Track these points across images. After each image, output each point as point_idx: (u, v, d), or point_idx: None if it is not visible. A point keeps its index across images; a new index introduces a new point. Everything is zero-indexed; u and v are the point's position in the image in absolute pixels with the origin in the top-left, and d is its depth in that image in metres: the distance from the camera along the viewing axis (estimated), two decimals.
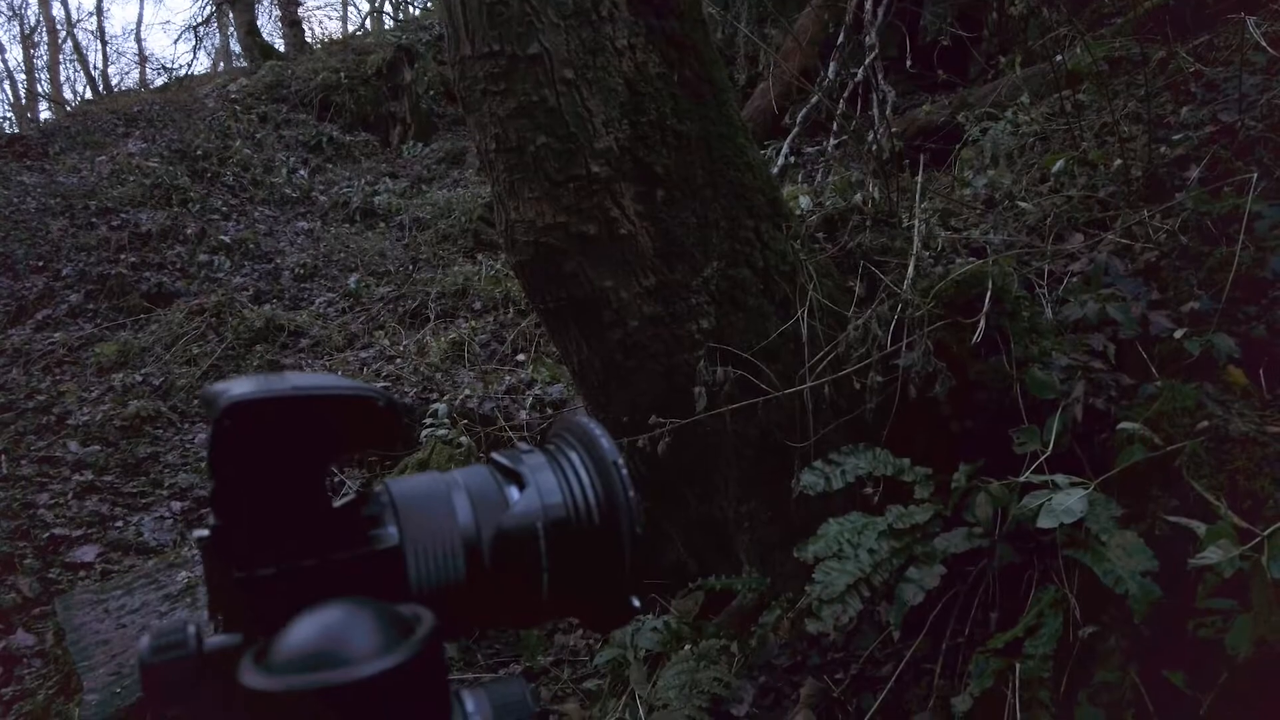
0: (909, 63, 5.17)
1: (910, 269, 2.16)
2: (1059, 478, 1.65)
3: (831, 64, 5.11)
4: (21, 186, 8.30)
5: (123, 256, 6.78)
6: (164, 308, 6.16)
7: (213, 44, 18.62)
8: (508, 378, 4.75)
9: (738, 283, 2.19)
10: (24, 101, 20.66)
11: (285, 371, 0.45)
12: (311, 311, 6.35)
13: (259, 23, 14.90)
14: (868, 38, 4.81)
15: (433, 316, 5.89)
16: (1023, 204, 2.82)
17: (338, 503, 0.43)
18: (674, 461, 2.36)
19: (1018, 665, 1.55)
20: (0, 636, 2.93)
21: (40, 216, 7.46)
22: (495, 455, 0.48)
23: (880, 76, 4.76)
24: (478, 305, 5.98)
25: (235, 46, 15.47)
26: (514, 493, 0.45)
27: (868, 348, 1.94)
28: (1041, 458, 1.75)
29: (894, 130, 4.25)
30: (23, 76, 21.33)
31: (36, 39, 20.98)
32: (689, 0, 2.09)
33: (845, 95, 4.82)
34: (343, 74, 10.31)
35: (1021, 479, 1.70)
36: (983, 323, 1.91)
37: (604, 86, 2.00)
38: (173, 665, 0.36)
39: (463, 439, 3.18)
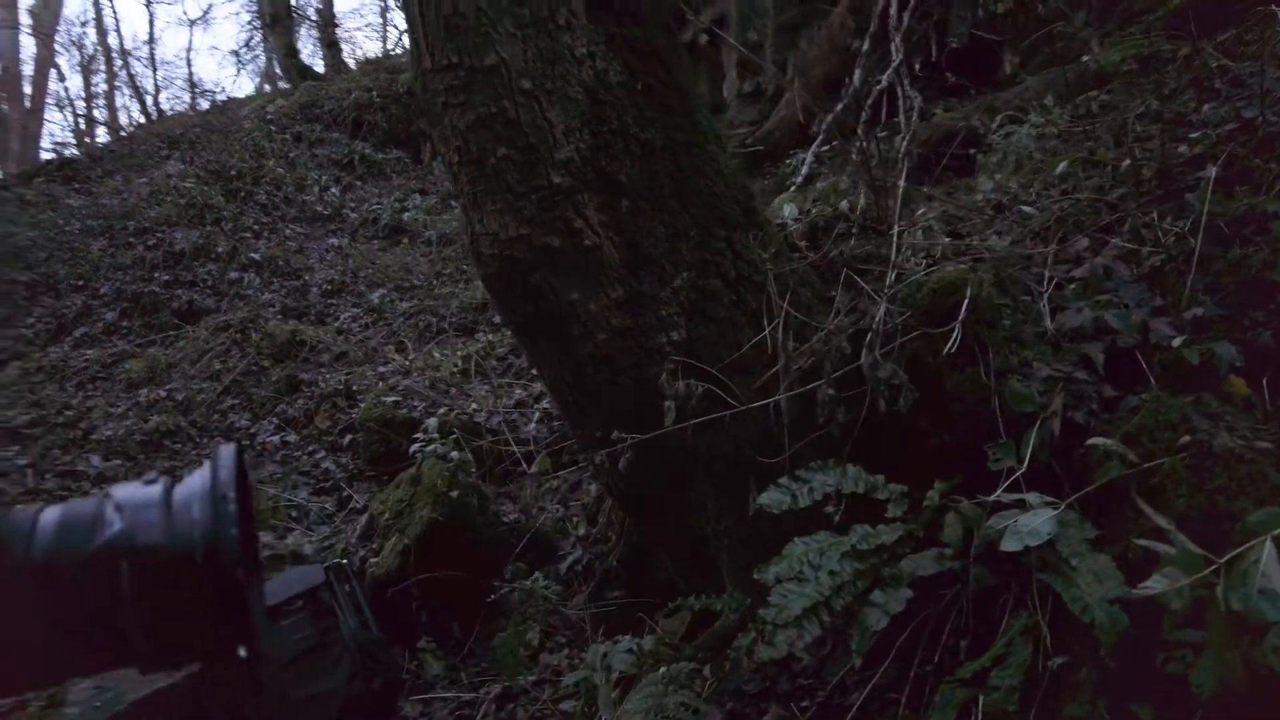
0: (936, 63, 5.06)
1: (890, 276, 2.08)
2: (1031, 496, 1.56)
3: (857, 71, 5.02)
4: (67, 209, 8.61)
5: (156, 275, 6.97)
6: (193, 324, 6.30)
7: (257, 67, 19.16)
8: (519, 391, 4.74)
9: (709, 294, 2.13)
10: (82, 127, 21.50)
11: None
12: (335, 326, 6.44)
13: (301, 45, 15.30)
14: (893, 43, 4.72)
15: (450, 330, 5.92)
16: (1025, 208, 2.71)
17: None
18: (650, 477, 2.30)
19: (981, 698, 1.45)
20: None
21: (82, 237, 7.71)
22: (114, 489, 0.43)
23: (906, 82, 4.66)
24: (497, 319, 5.99)
25: (278, 69, 15.87)
26: (112, 528, 0.40)
27: (830, 360, 1.86)
28: (1017, 474, 1.65)
29: (919, 136, 4.15)
30: (82, 103, 22.22)
31: (95, 67, 21.84)
32: (652, 6, 2.05)
33: (870, 102, 4.73)
34: (375, 93, 10.50)
35: (993, 497, 1.61)
36: (958, 332, 1.81)
37: (563, 96, 1.96)
38: None
39: (453, 453, 3.15)
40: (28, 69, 19.34)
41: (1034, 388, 1.74)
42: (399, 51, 16.13)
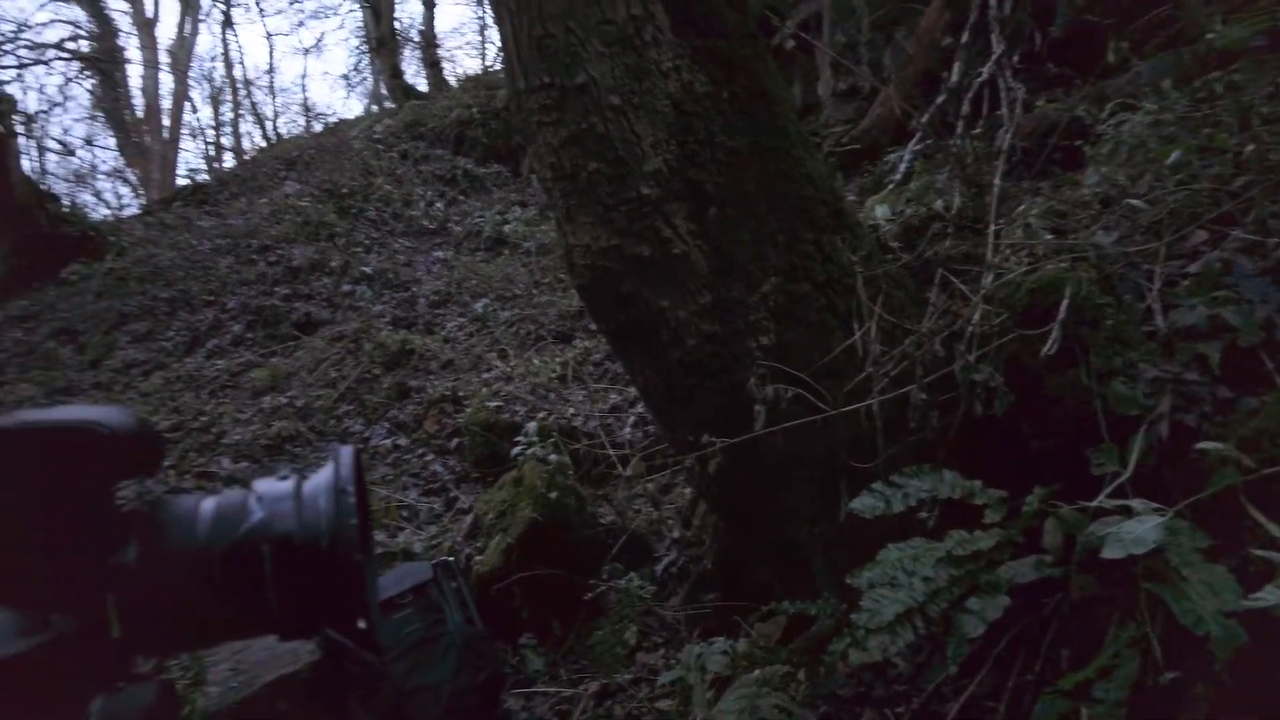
0: (1037, 53, 4.86)
1: (987, 277, 2.03)
2: (1136, 503, 1.50)
3: (955, 64, 4.89)
4: (199, 230, 9.31)
5: (277, 289, 7.44)
6: (311, 335, 6.70)
7: (365, 89, 20.16)
8: (614, 396, 4.83)
9: (798, 298, 2.13)
10: (212, 154, 23.15)
11: (53, 407, 0.49)
12: (442, 335, 6.72)
13: (405, 66, 16.01)
14: (993, 34, 4.57)
15: (549, 337, 6.08)
16: (1134, 201, 2.59)
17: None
18: (742, 482, 2.32)
19: (1085, 711, 1.41)
20: None
21: (212, 256, 8.32)
22: (255, 482, 0.50)
23: (1008, 74, 4.51)
24: (593, 326, 6.12)
25: (384, 90, 16.64)
26: (254, 516, 0.47)
27: (923, 363, 1.84)
28: (1121, 479, 1.60)
29: (1022, 129, 4.01)
30: (212, 132, 23.93)
31: (222, 98, 23.49)
32: (736, 17, 2.08)
33: (969, 96, 4.60)
34: (475, 109, 10.88)
35: (1095, 503, 1.56)
36: (1058, 333, 1.76)
37: (650, 110, 2.02)
38: None
39: (552, 456, 3.26)
40: (166, 103, 20.99)
41: (1139, 390, 1.67)
42: (497, 68, 16.65)
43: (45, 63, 14.70)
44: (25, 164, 9.97)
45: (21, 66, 13.62)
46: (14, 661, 0.38)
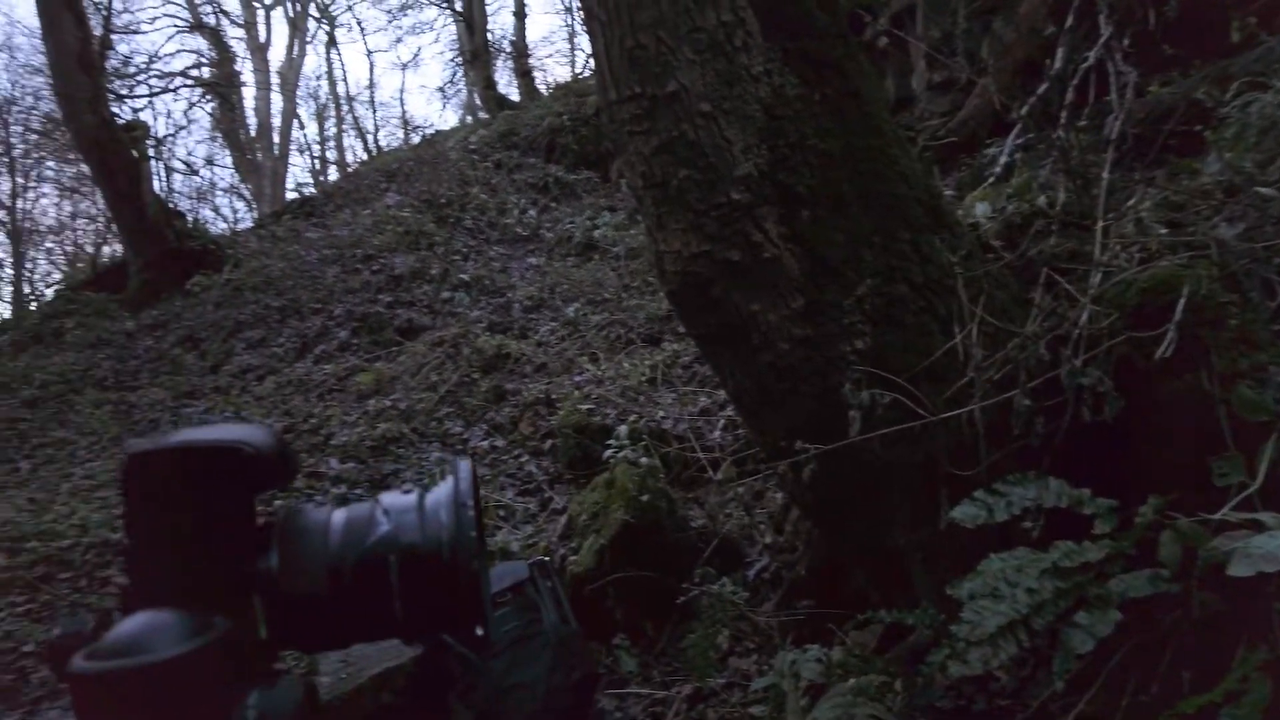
0: (1150, 34, 4.60)
1: (1095, 276, 1.94)
2: (1267, 516, 1.41)
3: (1059, 50, 4.69)
4: (307, 241, 9.81)
5: (380, 296, 7.77)
6: (412, 340, 6.97)
7: (459, 101, 20.81)
8: (703, 399, 4.83)
9: (895, 300, 2.09)
10: (317, 168, 24.35)
11: (208, 425, 0.54)
12: (535, 339, 6.87)
13: (498, 76, 16.45)
14: (1100, 15, 4.36)
15: (639, 340, 6.13)
16: (1263, 190, 2.42)
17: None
18: (837, 489, 2.29)
19: None
20: None
21: (320, 265, 8.75)
22: (381, 495, 0.54)
23: (1118, 57, 4.29)
24: (681, 328, 6.14)
25: (478, 101, 17.13)
26: (381, 528, 0.51)
27: (1027, 367, 1.77)
28: (1248, 490, 1.50)
29: (1133, 115, 3.81)
30: (317, 147, 25.18)
31: (327, 114, 24.69)
32: (826, 18, 2.06)
33: (1074, 83, 4.40)
34: (565, 117, 11.07)
35: (1219, 516, 1.47)
36: (1174, 334, 1.67)
37: (741, 114, 2.02)
38: (67, 645, 0.45)
39: (643, 459, 3.29)
40: (276, 122, 22.21)
41: (1269, 394, 1.57)
42: (586, 74, 16.92)
43: (173, 90, 15.80)
44: (155, 184, 10.74)
45: (153, 95, 14.68)
46: (188, 657, 0.42)
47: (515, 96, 15.04)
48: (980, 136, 5.84)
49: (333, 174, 22.26)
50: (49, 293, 15.74)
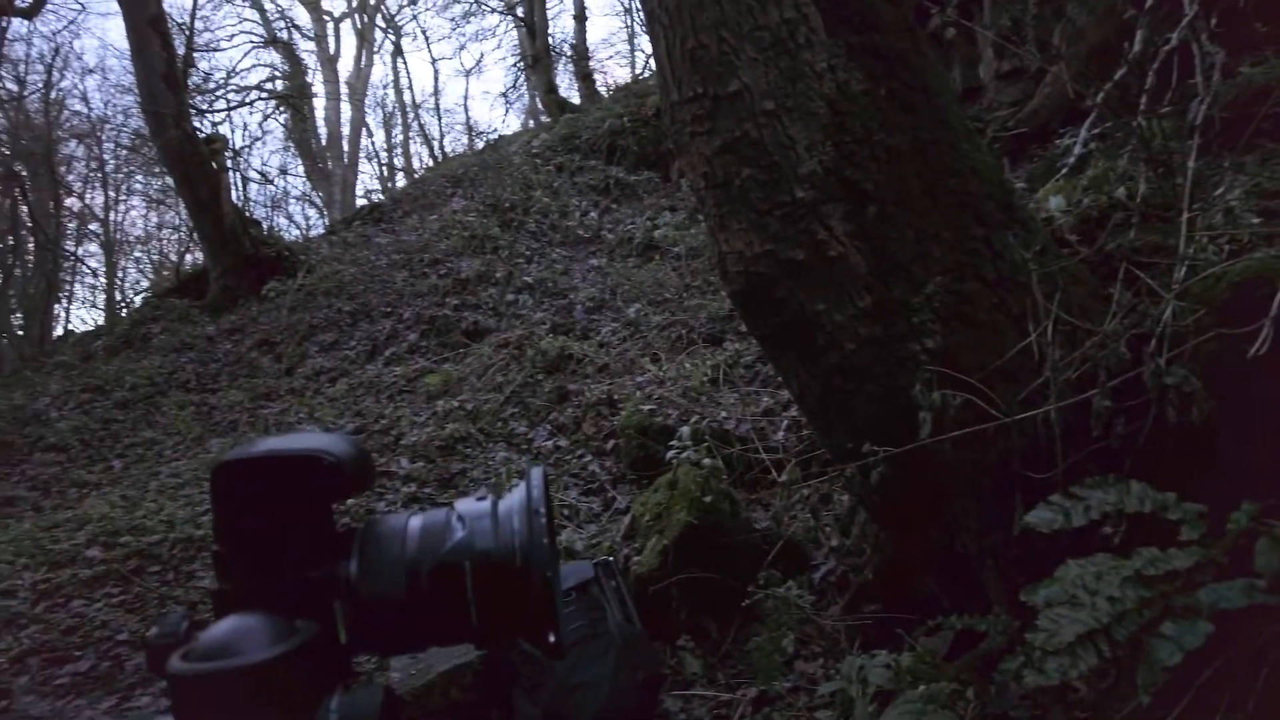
0: (1240, 11, 4.38)
1: (1179, 270, 1.86)
2: None
3: (1139, 32, 4.50)
4: (377, 246, 10.07)
5: (447, 299, 7.93)
6: (477, 342, 7.09)
7: (522, 106, 21.08)
8: (766, 399, 4.79)
9: (966, 298, 2.04)
10: (385, 175, 25.00)
11: (290, 433, 0.56)
12: (597, 340, 6.92)
13: (559, 80, 16.61)
14: None
15: (700, 340, 6.11)
16: None
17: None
18: (906, 492, 2.25)
19: None
20: None
21: (389, 270, 8.98)
22: (456, 502, 0.55)
23: (1204, 37, 4.10)
24: (744, 328, 6.09)
25: (540, 105, 17.33)
26: (456, 534, 0.52)
27: (1107, 366, 1.70)
28: None
29: (1221, 98, 3.63)
30: (385, 154, 25.84)
31: (394, 122, 25.33)
32: (891, 11, 2.01)
33: (1156, 66, 4.22)
34: (626, 118, 11.12)
35: None
36: (1268, 330, 1.58)
37: (805, 112, 2.00)
38: (163, 644, 0.48)
39: (705, 460, 3.28)
40: (345, 131, 22.89)
41: None
42: (646, 75, 16.96)
43: (249, 103, 16.44)
44: (232, 194, 11.18)
45: (230, 109, 15.30)
46: (276, 661, 0.44)
47: (576, 100, 15.17)
48: (1052, 127, 5.65)
49: (400, 181, 22.82)
50: (137, 300, 16.55)
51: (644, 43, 19.42)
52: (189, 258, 17.35)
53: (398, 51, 23.80)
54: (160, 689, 3.57)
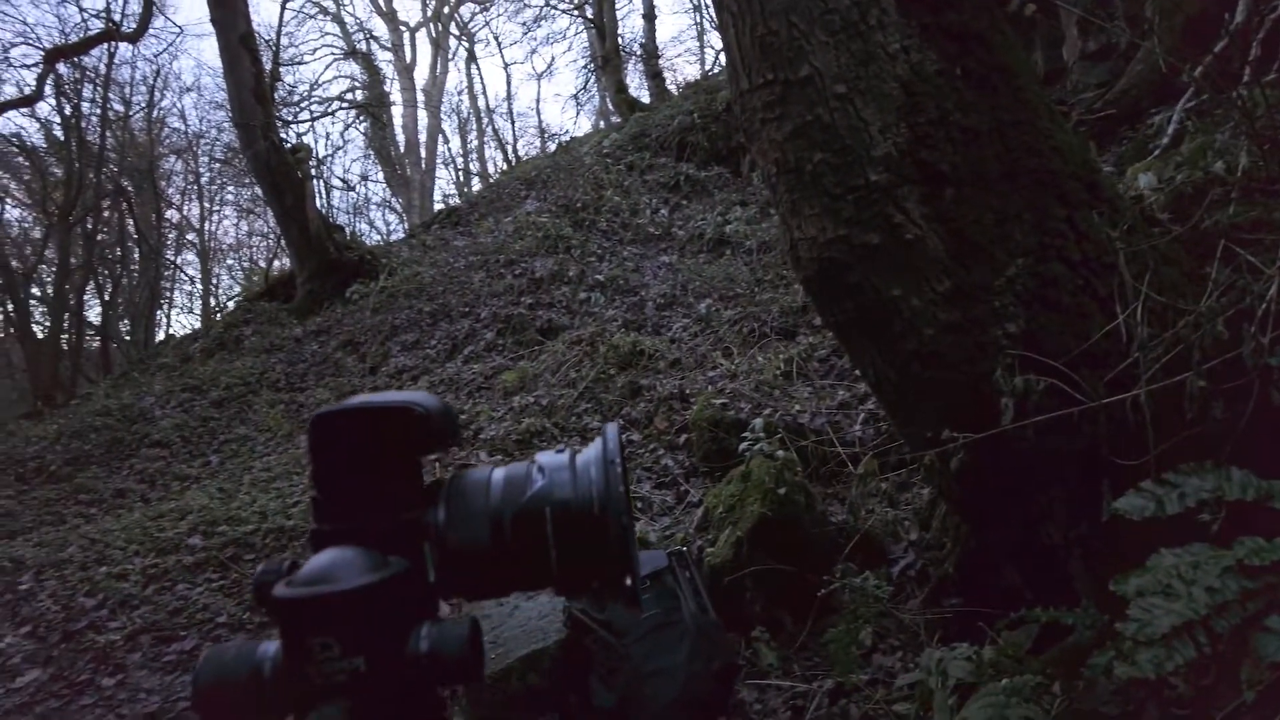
0: None
1: None
2: None
3: (1239, 2, 4.26)
4: (455, 249, 10.33)
5: (522, 299, 8.08)
6: (551, 340, 7.20)
7: (593, 107, 21.29)
8: (841, 393, 4.72)
9: (1049, 280, 1.97)
10: (461, 180, 25.59)
11: (383, 390, 0.59)
12: (668, 336, 6.94)
13: (629, 80, 16.71)
14: None
15: (772, 334, 6.07)
16: None
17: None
18: (989, 481, 2.19)
19: None
20: None
21: (466, 271, 9.20)
22: (536, 456, 0.57)
23: None
24: (817, 321, 6.02)
25: (610, 105, 17.46)
26: (537, 484, 0.54)
27: (1204, 346, 1.62)
28: None
29: None
30: (461, 159, 26.46)
31: (468, 128, 25.90)
32: None
33: (1260, 36, 3.99)
34: (695, 114, 11.10)
35: None
36: None
37: (878, 94, 1.97)
38: (269, 580, 0.51)
39: (779, 452, 3.25)
40: (423, 137, 23.53)
41: None
42: (716, 71, 16.89)
43: (331, 113, 17.08)
44: (316, 201, 11.63)
45: (314, 119, 15.93)
46: (370, 588, 0.48)
47: (647, 99, 15.23)
48: (1143, 106, 5.39)
49: (476, 185, 23.33)
50: (230, 304, 17.41)
51: (714, 39, 19.35)
52: (277, 263, 18.14)
53: (471, 58, 24.38)
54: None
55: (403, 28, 23.52)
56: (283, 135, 11.51)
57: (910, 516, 3.38)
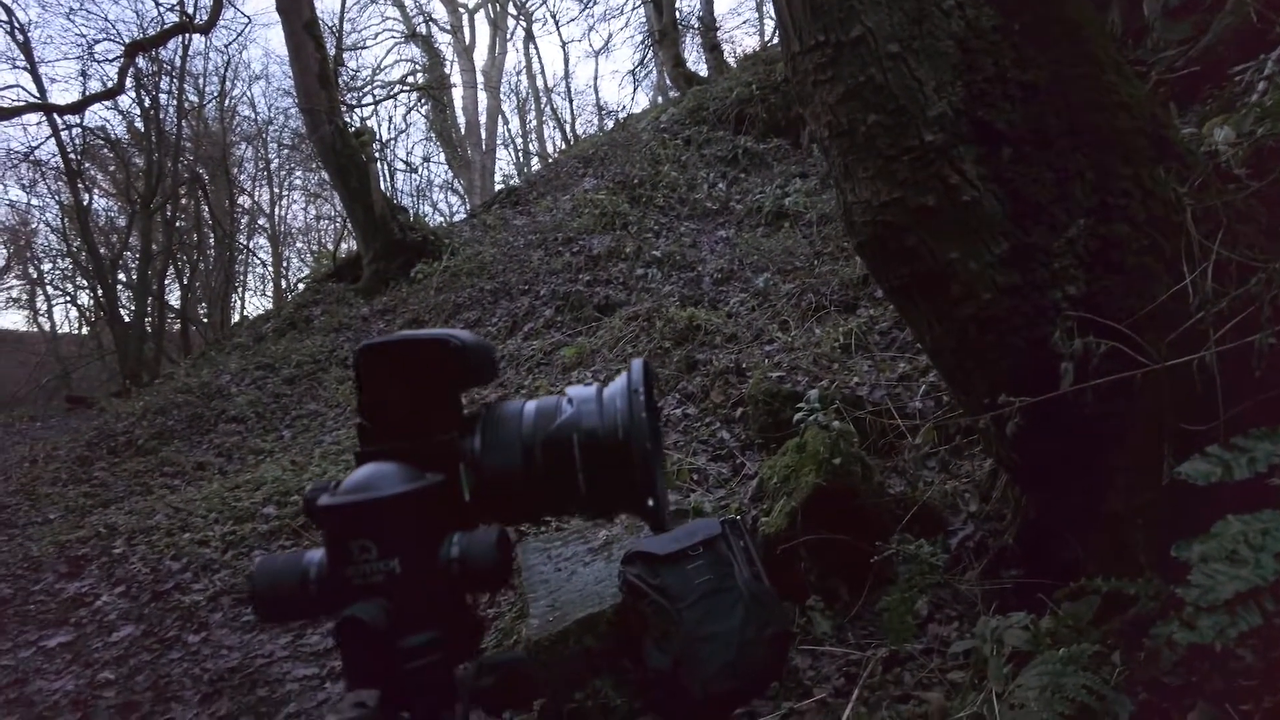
0: None
1: None
2: None
3: None
4: (514, 228, 10.45)
5: (580, 276, 8.14)
6: (609, 316, 7.25)
7: (650, 82, 21.16)
8: (902, 365, 4.65)
9: (1112, 240, 1.91)
10: (521, 160, 25.79)
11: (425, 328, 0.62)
12: (725, 311, 6.92)
13: (686, 54, 16.55)
14: None
15: (831, 307, 5.99)
16: None
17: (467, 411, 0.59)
18: (1048, 448, 2.14)
19: None
20: None
21: (525, 250, 9.31)
22: (567, 389, 0.60)
23: None
24: (879, 293, 5.92)
25: (668, 80, 17.34)
26: (566, 413, 0.56)
27: (1275, 302, 1.55)
28: None
29: None
30: (520, 140, 26.66)
31: (527, 108, 26.05)
32: None
33: None
34: (754, 86, 10.95)
35: None
36: None
37: (932, 52, 1.92)
38: (315, 495, 0.55)
39: (835, 423, 3.23)
40: (483, 119, 23.76)
41: None
42: (774, 42, 16.57)
43: (393, 97, 17.39)
44: (381, 183, 11.88)
45: (377, 103, 16.24)
46: (407, 495, 0.51)
47: (705, 72, 15.07)
48: (1230, 62, 5.11)
49: (535, 165, 23.49)
50: (299, 286, 17.99)
51: (772, 8, 18.98)
52: (345, 245, 18.65)
53: (529, 37, 24.43)
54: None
55: (461, 9, 23.72)
56: (347, 119, 11.78)
57: (970, 488, 3.33)
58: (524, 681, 0.54)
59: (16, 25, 15.39)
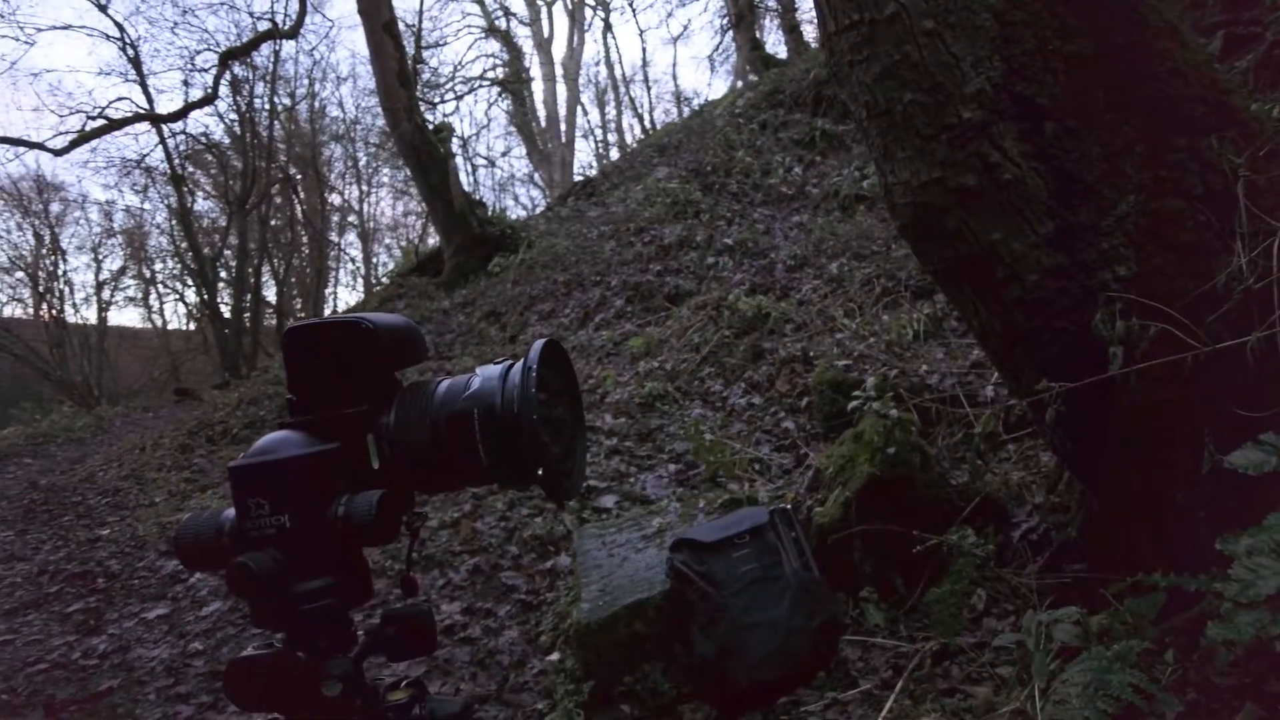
0: None
1: None
2: None
3: None
4: (588, 219, 10.56)
5: (650, 266, 8.17)
6: (678, 306, 7.26)
7: (729, 68, 20.95)
8: (975, 352, 4.49)
9: (1165, 217, 1.81)
10: (599, 151, 25.98)
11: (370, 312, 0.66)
12: (796, 298, 6.82)
13: (765, 36, 16.33)
14: None
15: (907, 293, 5.83)
16: None
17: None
18: (1101, 434, 2.05)
19: None
20: (551, 557, 3.91)
21: (599, 241, 9.40)
22: (479, 367, 0.63)
23: None
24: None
25: (746, 65, 17.12)
26: (471, 389, 0.59)
27: None
28: None
29: None
30: (599, 131, 26.86)
31: (606, 99, 26.21)
32: None
33: None
34: None
35: None
36: None
37: (969, 27, 1.86)
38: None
39: (892, 411, 3.15)
40: (562, 111, 24.04)
41: None
42: None
43: (473, 92, 17.79)
44: (462, 178, 12.20)
45: (458, 99, 16.65)
46: (301, 459, 0.56)
47: (783, 54, 14.83)
48: None
49: (614, 155, 23.64)
50: (385, 280, 18.68)
51: None
52: (429, 240, 19.24)
53: (607, 27, 24.55)
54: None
55: (540, 2, 24.03)
56: (429, 116, 12.13)
57: (1039, 479, 3.21)
58: (423, 633, 0.58)
59: (128, 41, 16.45)
